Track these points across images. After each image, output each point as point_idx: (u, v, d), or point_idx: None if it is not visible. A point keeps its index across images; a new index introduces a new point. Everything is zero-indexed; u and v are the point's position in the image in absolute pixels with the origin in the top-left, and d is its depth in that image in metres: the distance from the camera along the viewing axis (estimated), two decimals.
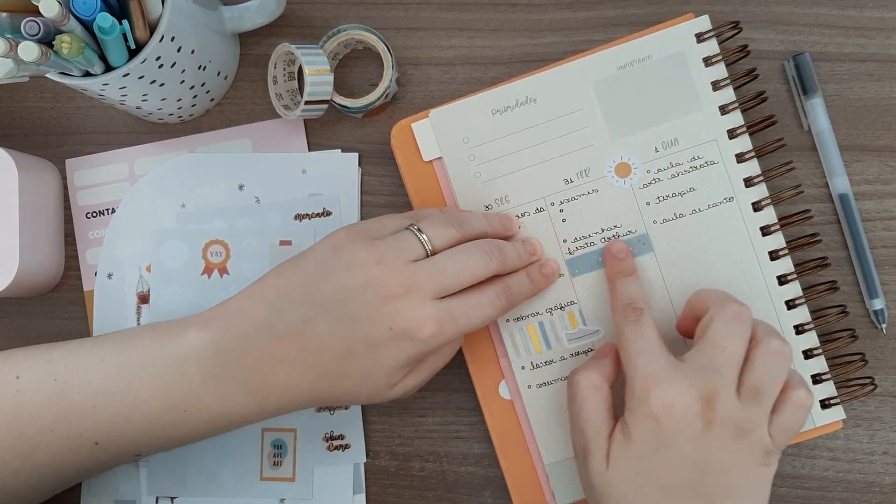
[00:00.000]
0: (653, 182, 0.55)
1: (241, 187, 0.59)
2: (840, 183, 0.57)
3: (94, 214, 0.61)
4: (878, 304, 0.56)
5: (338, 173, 0.59)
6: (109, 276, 0.60)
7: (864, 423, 0.57)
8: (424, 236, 0.49)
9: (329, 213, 0.59)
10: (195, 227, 0.59)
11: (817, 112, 0.57)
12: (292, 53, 0.57)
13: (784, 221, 0.55)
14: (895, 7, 0.58)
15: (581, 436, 0.49)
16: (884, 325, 0.57)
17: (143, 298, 0.59)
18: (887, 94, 0.58)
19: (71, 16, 0.46)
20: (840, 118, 0.58)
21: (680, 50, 0.55)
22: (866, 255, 0.57)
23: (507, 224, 0.55)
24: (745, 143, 0.55)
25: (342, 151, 0.60)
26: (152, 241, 0.59)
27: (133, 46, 0.49)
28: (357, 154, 0.59)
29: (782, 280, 0.54)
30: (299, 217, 0.59)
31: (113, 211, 0.60)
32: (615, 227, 0.56)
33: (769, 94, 0.57)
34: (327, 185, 0.59)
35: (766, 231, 0.55)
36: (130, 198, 0.60)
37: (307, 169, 0.59)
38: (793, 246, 0.55)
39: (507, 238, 0.55)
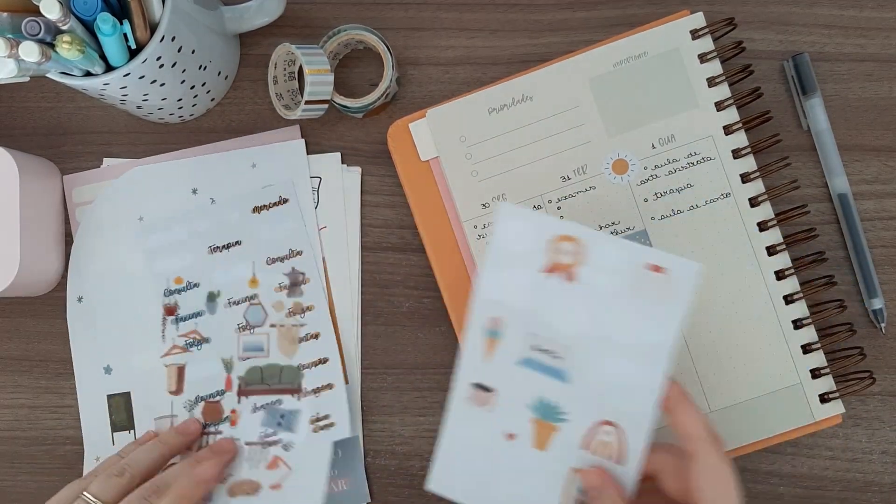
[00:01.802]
0: (650, 178, 0.56)
1: (194, 191, 0.59)
2: (839, 183, 0.57)
3: None
4: (877, 303, 0.56)
5: (287, 161, 0.60)
6: (80, 299, 0.60)
7: (863, 422, 0.57)
8: (91, 497, 0.51)
9: (286, 200, 0.59)
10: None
11: (816, 112, 0.57)
12: (293, 53, 0.57)
13: (781, 217, 0.55)
14: (894, 7, 0.58)
15: None
16: (883, 325, 0.57)
17: (170, 311, 0.59)
18: (886, 94, 0.58)
19: (72, 16, 0.46)
20: (839, 118, 0.58)
21: (675, 46, 0.55)
22: (865, 254, 0.57)
23: (182, 431, 0.57)
24: (741, 139, 0.55)
25: (342, 152, 0.60)
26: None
27: (134, 46, 0.49)
28: (303, 140, 0.60)
29: (780, 275, 0.55)
30: (257, 209, 0.59)
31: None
32: (613, 223, 0.56)
33: (768, 95, 0.58)
34: (278, 174, 0.59)
35: (763, 226, 0.55)
36: (88, 221, 0.60)
37: (256, 162, 0.60)
38: (790, 241, 0.55)
39: (191, 441, 0.57)
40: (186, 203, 0.60)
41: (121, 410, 0.59)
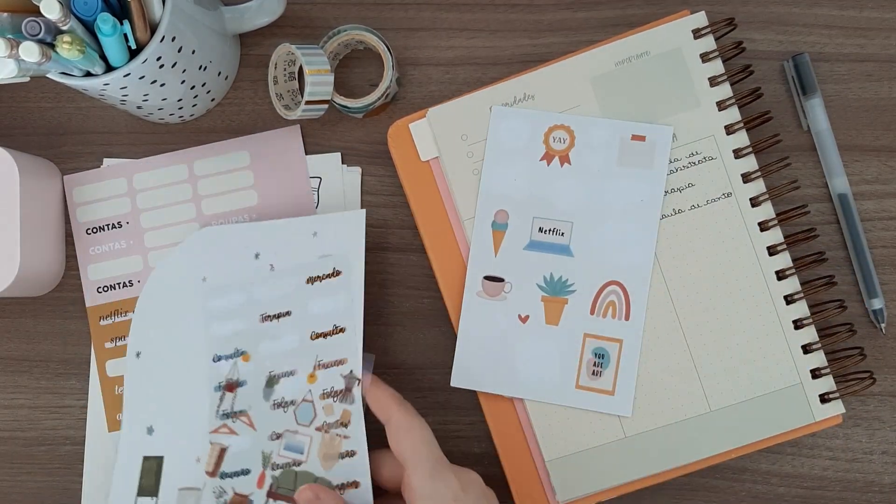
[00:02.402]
0: None
1: (256, 256, 0.58)
2: (839, 183, 0.57)
3: (95, 230, 0.61)
4: (877, 303, 0.57)
5: (346, 232, 0.56)
6: (138, 355, 0.58)
7: (863, 422, 0.57)
8: None
9: (339, 273, 0.56)
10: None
11: (817, 112, 0.57)
12: (293, 54, 0.57)
13: (781, 217, 0.55)
14: (894, 7, 0.58)
15: None
16: (883, 325, 0.57)
17: (231, 387, 0.56)
18: (886, 95, 0.58)
19: (72, 16, 0.46)
20: (839, 118, 0.58)
21: (677, 46, 0.55)
22: (865, 254, 0.57)
23: None
24: (742, 138, 0.55)
25: (342, 152, 0.60)
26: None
27: (134, 47, 0.49)
28: (364, 211, 0.56)
29: (781, 275, 0.55)
30: (311, 280, 0.57)
31: (113, 227, 0.61)
32: None
33: (769, 95, 0.58)
34: (336, 244, 0.56)
35: (764, 226, 0.55)
36: (155, 277, 0.59)
37: (317, 231, 0.57)
38: (790, 241, 0.55)
39: None
40: (248, 267, 0.58)
41: (151, 475, 0.57)
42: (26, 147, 0.61)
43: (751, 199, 0.55)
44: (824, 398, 0.54)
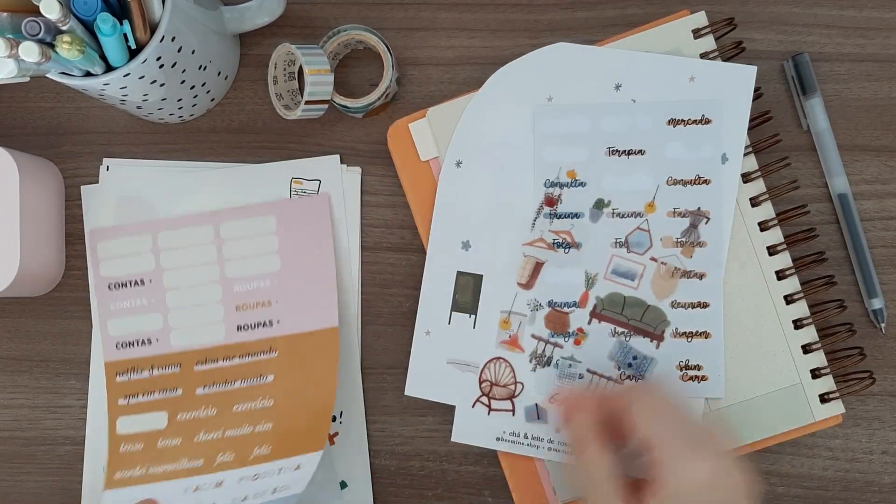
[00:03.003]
0: None
1: (617, 87, 0.55)
2: (839, 183, 0.57)
3: (117, 286, 0.59)
4: (877, 303, 0.57)
5: (729, 83, 0.54)
6: (458, 164, 0.56)
7: (863, 422, 0.57)
8: None
9: (708, 121, 0.54)
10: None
11: (816, 112, 0.57)
12: (293, 53, 0.57)
13: (781, 217, 0.55)
14: (894, 7, 0.58)
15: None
16: (883, 325, 0.57)
17: (550, 202, 0.55)
18: (886, 94, 0.58)
19: (71, 16, 0.46)
20: (839, 118, 0.58)
21: (677, 46, 0.55)
22: (865, 254, 0.57)
23: None
24: None
25: (342, 152, 0.60)
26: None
27: (133, 46, 0.49)
28: (755, 69, 0.55)
29: (781, 275, 0.55)
30: (674, 122, 0.54)
31: (136, 283, 0.59)
32: None
33: (768, 95, 0.58)
34: (713, 92, 0.54)
35: (764, 226, 0.55)
36: (493, 83, 0.56)
37: (696, 76, 0.54)
38: (790, 241, 0.55)
39: None
40: (603, 96, 0.55)
41: (467, 291, 0.55)
42: (26, 147, 0.61)
43: (751, 199, 0.55)
44: (824, 398, 0.54)
